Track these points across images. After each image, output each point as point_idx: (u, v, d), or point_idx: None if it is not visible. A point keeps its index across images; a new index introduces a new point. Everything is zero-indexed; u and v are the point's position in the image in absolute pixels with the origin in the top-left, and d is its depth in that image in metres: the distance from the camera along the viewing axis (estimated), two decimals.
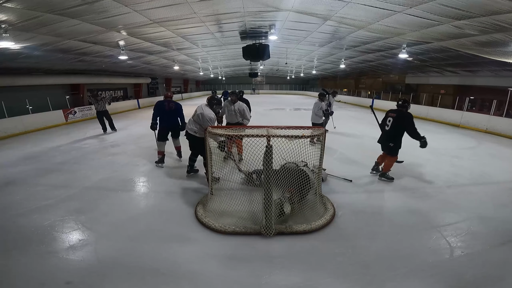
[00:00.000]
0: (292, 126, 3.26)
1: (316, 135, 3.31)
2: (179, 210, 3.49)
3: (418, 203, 3.69)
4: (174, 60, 13.98)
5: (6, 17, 4.81)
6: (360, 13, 6.02)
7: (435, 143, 7.30)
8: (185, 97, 28.93)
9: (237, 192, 3.59)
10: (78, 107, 12.44)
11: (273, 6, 6.24)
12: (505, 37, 5.71)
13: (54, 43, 7.13)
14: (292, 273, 2.35)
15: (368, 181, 4.50)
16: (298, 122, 11.46)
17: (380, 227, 3.08)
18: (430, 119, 12.27)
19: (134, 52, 10.06)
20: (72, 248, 2.69)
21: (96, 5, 4.99)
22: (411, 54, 9.79)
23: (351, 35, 8.46)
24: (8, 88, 10.26)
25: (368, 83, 23.09)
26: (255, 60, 12.33)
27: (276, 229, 2.87)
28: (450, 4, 4.67)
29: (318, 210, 3.31)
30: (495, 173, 4.95)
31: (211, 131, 3.33)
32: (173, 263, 2.46)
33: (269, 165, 2.77)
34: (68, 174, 4.94)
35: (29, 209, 3.51)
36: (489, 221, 3.20)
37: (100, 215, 3.37)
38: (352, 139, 7.76)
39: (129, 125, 10.90)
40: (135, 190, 4.29)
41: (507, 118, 8.86)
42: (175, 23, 6.99)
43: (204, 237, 2.88)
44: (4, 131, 8.51)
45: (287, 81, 35.58)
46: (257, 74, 26.25)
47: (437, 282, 2.21)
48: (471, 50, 7.55)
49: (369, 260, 2.50)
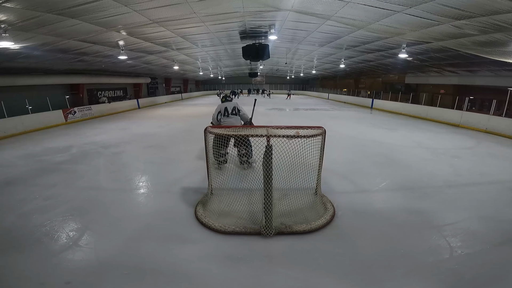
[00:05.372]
0: (292, 126, 3.26)
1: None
2: (179, 210, 3.48)
3: (418, 203, 3.69)
4: (174, 60, 13.98)
5: (5, 17, 4.81)
6: (359, 13, 6.02)
7: (435, 143, 7.33)
8: (185, 97, 28.94)
9: (237, 192, 3.59)
10: (77, 107, 12.44)
11: (273, 6, 6.23)
12: (505, 37, 5.71)
13: (54, 43, 7.13)
14: (291, 273, 2.35)
15: (368, 181, 4.50)
16: (298, 122, 11.48)
17: (380, 227, 3.08)
18: (430, 119, 12.27)
19: (134, 52, 10.06)
20: (72, 248, 2.69)
21: (96, 5, 4.99)
22: (410, 54, 9.80)
23: (351, 35, 8.46)
24: (7, 88, 10.26)
25: (367, 83, 23.11)
26: (255, 60, 12.34)
27: (276, 229, 2.87)
28: (450, 4, 4.67)
29: (318, 210, 3.31)
30: (495, 173, 4.95)
31: (211, 131, 3.33)
32: (172, 263, 2.46)
33: (269, 165, 2.77)
34: (67, 174, 4.93)
35: (29, 209, 3.50)
36: (489, 221, 3.20)
37: (99, 215, 3.37)
38: (352, 139, 7.78)
39: (129, 125, 10.90)
40: (135, 190, 4.29)
41: (507, 118, 8.86)
42: (175, 23, 6.99)
43: (204, 237, 2.88)
44: (4, 131, 8.51)
45: (287, 81, 35.56)
46: (257, 74, 26.27)
47: (437, 282, 2.21)
48: (471, 50, 7.56)
49: (369, 260, 2.50)
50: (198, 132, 5.11)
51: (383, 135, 8.41)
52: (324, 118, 12.58)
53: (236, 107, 4.91)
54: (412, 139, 7.71)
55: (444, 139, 7.99)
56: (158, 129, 9.82)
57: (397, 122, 11.48)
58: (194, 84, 34.53)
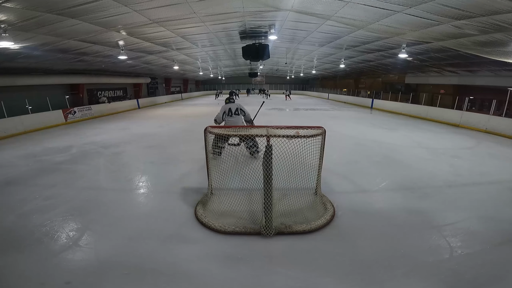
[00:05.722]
0: (292, 126, 3.26)
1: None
2: (179, 210, 3.48)
3: (418, 203, 3.69)
4: (174, 60, 13.98)
5: (5, 17, 4.81)
6: (359, 13, 6.03)
7: (435, 143, 7.33)
8: (185, 97, 28.94)
9: (237, 192, 3.59)
10: (77, 107, 12.43)
11: (273, 6, 6.24)
12: (505, 37, 5.71)
13: (54, 43, 7.13)
14: (291, 273, 2.35)
15: (368, 181, 4.50)
16: (298, 122, 11.48)
17: (380, 227, 3.08)
18: (430, 119, 12.27)
19: (134, 52, 10.07)
20: (72, 248, 2.69)
21: (96, 5, 4.99)
22: (410, 54, 9.80)
23: (351, 35, 8.47)
24: (7, 88, 10.26)
25: (367, 83, 23.11)
26: (254, 60, 12.34)
27: (276, 229, 2.87)
28: (450, 4, 4.67)
29: (318, 210, 3.31)
30: (495, 172, 4.95)
31: (211, 130, 3.34)
32: (172, 263, 2.46)
33: (269, 165, 2.77)
34: (67, 174, 4.93)
35: (29, 209, 3.50)
36: (489, 221, 3.20)
37: (99, 215, 3.37)
38: (352, 139, 7.78)
39: (129, 125, 10.90)
40: (135, 190, 4.29)
41: (507, 118, 8.86)
42: (175, 23, 6.99)
43: (204, 237, 2.88)
44: (4, 131, 8.51)
45: (287, 81, 35.55)
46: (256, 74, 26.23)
47: (437, 282, 2.21)
48: (471, 50, 7.56)
49: (369, 260, 2.50)
50: (198, 132, 5.11)
51: (383, 135, 8.41)
52: (324, 118, 12.58)
53: (238, 108, 5.41)
54: (412, 139, 7.72)
55: (444, 139, 7.99)
56: (158, 129, 9.82)
57: (397, 122, 11.48)
58: (194, 84, 34.53)
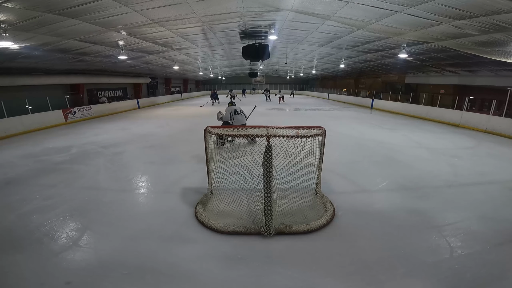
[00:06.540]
0: (292, 126, 3.25)
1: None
2: (179, 210, 3.48)
3: (418, 203, 3.69)
4: (173, 60, 13.98)
5: (5, 17, 4.80)
6: (359, 13, 6.02)
7: (435, 143, 7.33)
8: (185, 97, 28.92)
9: (237, 192, 3.59)
10: (77, 107, 12.43)
11: (273, 6, 6.23)
12: (505, 37, 5.71)
13: (54, 43, 7.13)
14: (291, 273, 2.35)
15: (368, 181, 4.50)
16: (298, 122, 11.48)
17: (380, 227, 3.08)
18: (430, 119, 12.27)
19: (134, 52, 10.06)
20: (72, 248, 2.69)
21: (96, 5, 4.99)
22: (410, 54, 9.79)
23: (351, 35, 8.46)
24: (7, 88, 10.25)
25: (368, 83, 23.11)
26: (254, 60, 12.34)
27: (276, 229, 2.87)
28: (450, 4, 4.67)
29: (318, 210, 3.31)
30: (495, 172, 4.95)
31: (211, 131, 3.34)
32: (173, 263, 2.46)
33: (269, 164, 2.77)
34: (67, 174, 4.93)
35: (29, 209, 3.51)
36: (488, 221, 3.20)
37: (100, 215, 3.37)
38: (352, 139, 7.78)
39: (129, 125, 10.90)
40: (135, 190, 4.29)
41: (507, 118, 8.86)
42: (174, 23, 6.99)
43: (204, 237, 2.88)
44: (4, 131, 8.51)
45: (287, 81, 35.52)
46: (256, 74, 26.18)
47: (437, 282, 2.21)
48: (471, 50, 7.56)
49: (369, 260, 2.50)
50: (198, 132, 5.12)
51: (383, 135, 8.41)
52: (324, 118, 12.58)
53: (239, 109, 6.56)
54: (412, 139, 7.72)
55: (444, 139, 7.99)
56: (158, 129, 9.82)
57: (397, 122, 11.48)
58: (194, 84, 34.51)
